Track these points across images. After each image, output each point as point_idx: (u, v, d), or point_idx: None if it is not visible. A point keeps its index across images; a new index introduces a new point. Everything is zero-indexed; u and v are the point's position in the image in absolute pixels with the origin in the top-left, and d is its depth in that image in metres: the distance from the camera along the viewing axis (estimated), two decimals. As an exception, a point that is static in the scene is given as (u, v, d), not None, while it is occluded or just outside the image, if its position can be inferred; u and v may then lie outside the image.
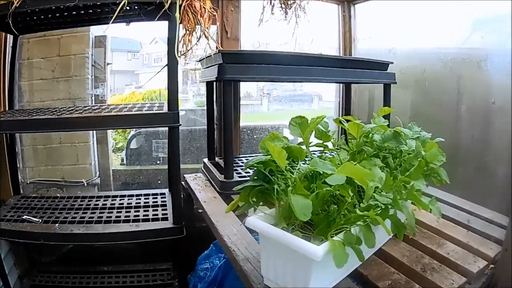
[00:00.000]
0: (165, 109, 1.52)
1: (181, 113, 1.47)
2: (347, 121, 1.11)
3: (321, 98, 3.76)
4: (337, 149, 1.15)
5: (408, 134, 1.08)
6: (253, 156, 1.71)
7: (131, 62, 3.47)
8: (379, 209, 0.84)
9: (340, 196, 0.83)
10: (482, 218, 1.26)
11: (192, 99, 3.14)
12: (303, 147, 1.00)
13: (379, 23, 2.16)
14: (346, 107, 2.16)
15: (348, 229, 0.79)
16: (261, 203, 0.95)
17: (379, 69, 1.75)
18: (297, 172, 0.89)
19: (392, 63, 1.78)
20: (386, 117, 1.21)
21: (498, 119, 1.63)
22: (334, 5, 2.24)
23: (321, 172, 0.84)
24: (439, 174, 1.09)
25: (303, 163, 0.97)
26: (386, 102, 1.76)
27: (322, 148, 1.12)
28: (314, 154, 1.09)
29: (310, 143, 1.04)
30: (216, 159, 1.82)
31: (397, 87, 1.83)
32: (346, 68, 1.64)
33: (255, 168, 0.96)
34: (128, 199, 1.77)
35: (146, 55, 3.48)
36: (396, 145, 1.03)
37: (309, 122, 1.00)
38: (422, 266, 0.95)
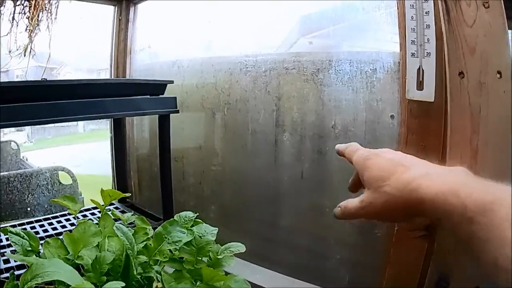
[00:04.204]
0: None
1: None
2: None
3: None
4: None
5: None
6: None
7: None
8: None
9: None
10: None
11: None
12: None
13: (163, 27, 1.55)
14: (119, 146, 1.51)
15: None
16: None
17: (152, 93, 1.11)
18: None
19: (171, 82, 1.16)
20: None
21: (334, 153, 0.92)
22: (111, 7, 1.57)
23: None
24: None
25: None
26: (164, 142, 1.13)
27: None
28: None
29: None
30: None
31: (185, 113, 1.31)
32: (96, 98, 0.95)
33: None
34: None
35: None
36: None
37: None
38: None
